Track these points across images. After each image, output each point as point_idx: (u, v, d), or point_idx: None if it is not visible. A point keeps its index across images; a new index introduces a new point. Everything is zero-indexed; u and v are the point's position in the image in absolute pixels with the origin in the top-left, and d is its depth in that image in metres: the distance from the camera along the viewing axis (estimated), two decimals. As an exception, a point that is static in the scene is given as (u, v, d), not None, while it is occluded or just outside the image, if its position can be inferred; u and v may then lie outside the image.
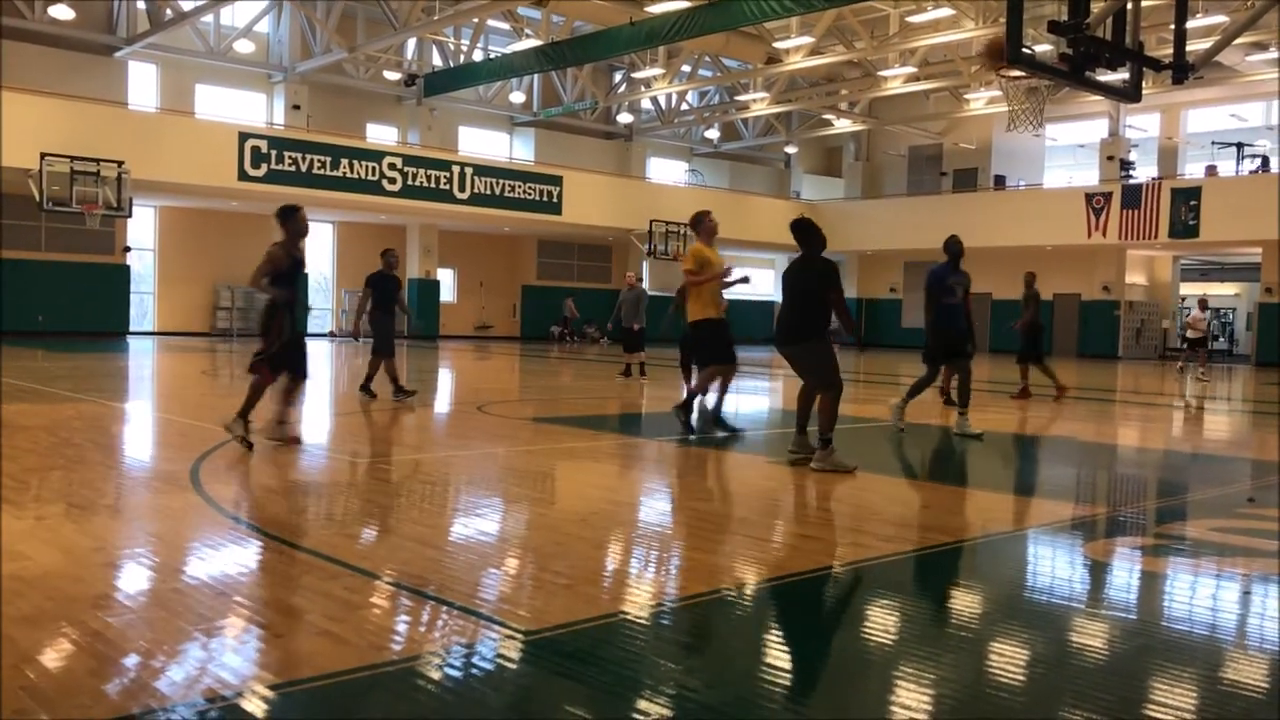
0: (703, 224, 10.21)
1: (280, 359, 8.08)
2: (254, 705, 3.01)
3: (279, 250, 7.96)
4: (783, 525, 6.11)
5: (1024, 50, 7.46)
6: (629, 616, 4.02)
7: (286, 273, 7.98)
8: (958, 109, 31.99)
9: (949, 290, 10.41)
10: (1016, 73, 10.32)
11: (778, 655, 3.73)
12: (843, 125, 35.61)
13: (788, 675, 3.49)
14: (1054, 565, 5.31)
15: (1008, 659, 3.73)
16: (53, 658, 3.36)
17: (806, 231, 7.75)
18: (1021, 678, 3.53)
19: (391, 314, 11.89)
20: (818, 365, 7.73)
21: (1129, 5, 8.71)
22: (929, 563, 5.14)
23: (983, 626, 4.16)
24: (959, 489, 7.69)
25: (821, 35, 25.82)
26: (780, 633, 4.02)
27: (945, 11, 23.56)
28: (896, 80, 29.15)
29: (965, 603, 4.54)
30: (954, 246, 10.88)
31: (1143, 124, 33.65)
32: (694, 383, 10.12)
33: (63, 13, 23.67)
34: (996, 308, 34.27)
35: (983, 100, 30.41)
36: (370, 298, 11.89)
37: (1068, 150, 36.51)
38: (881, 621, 4.19)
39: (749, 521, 6.11)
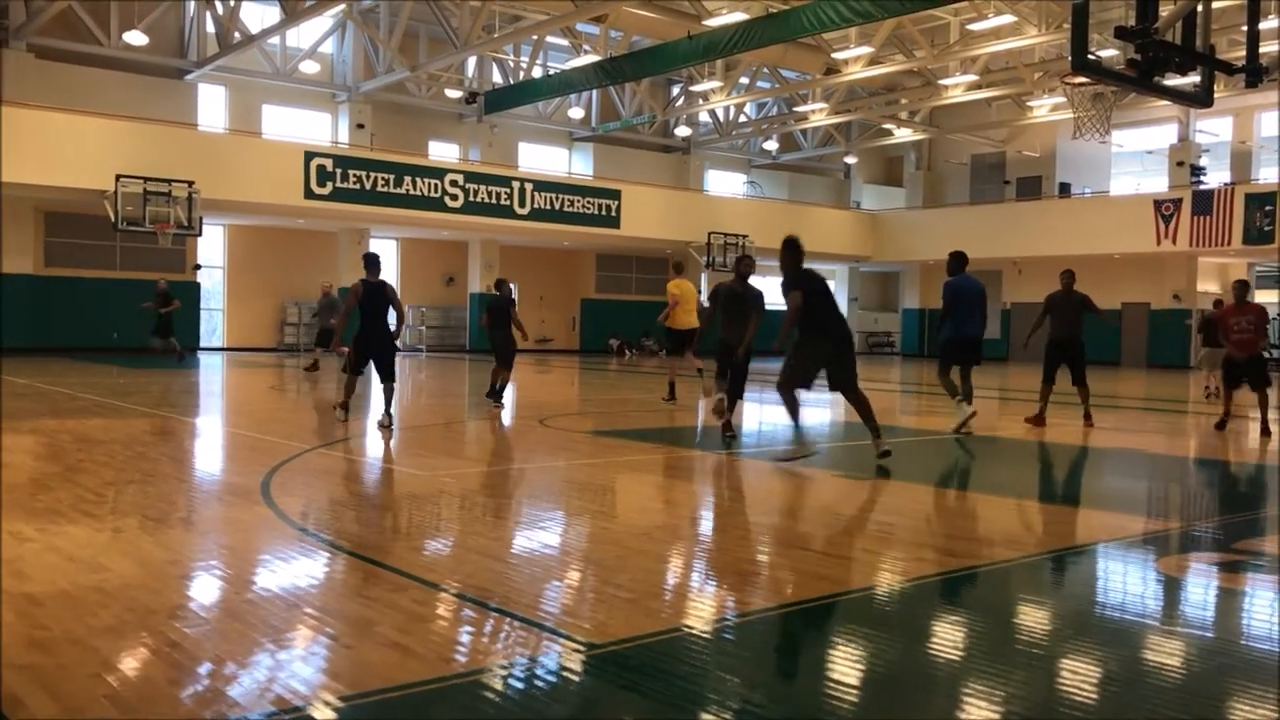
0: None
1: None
2: (325, 715, 3.06)
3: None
4: (846, 539, 6.06)
5: (1090, 57, 7.34)
6: (692, 631, 4.01)
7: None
8: (1021, 116, 31.54)
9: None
10: (1082, 80, 10.16)
11: (842, 671, 3.70)
12: (903, 134, 35.31)
13: (853, 692, 3.46)
14: (1126, 581, 5.19)
15: (1080, 677, 3.66)
16: (133, 666, 3.46)
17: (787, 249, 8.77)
18: (1094, 697, 3.46)
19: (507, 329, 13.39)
20: (785, 363, 8.50)
21: (1199, 8, 8.54)
22: (995, 578, 5.06)
23: (1053, 644, 4.08)
24: (1025, 502, 7.56)
25: (881, 45, 25.66)
26: (844, 649, 3.98)
27: (1007, 18, 23.26)
28: (957, 89, 28.85)
29: (1034, 619, 4.46)
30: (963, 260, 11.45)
31: (1214, 128, 32.87)
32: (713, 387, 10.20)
33: (136, 39, 24.40)
34: (1062, 317, 33.71)
35: (1046, 107, 29.95)
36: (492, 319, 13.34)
37: (1135, 156, 35.78)
38: (948, 638, 4.13)
39: (812, 535, 6.08)
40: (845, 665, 3.77)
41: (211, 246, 28.39)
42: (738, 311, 10.18)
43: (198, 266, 27.58)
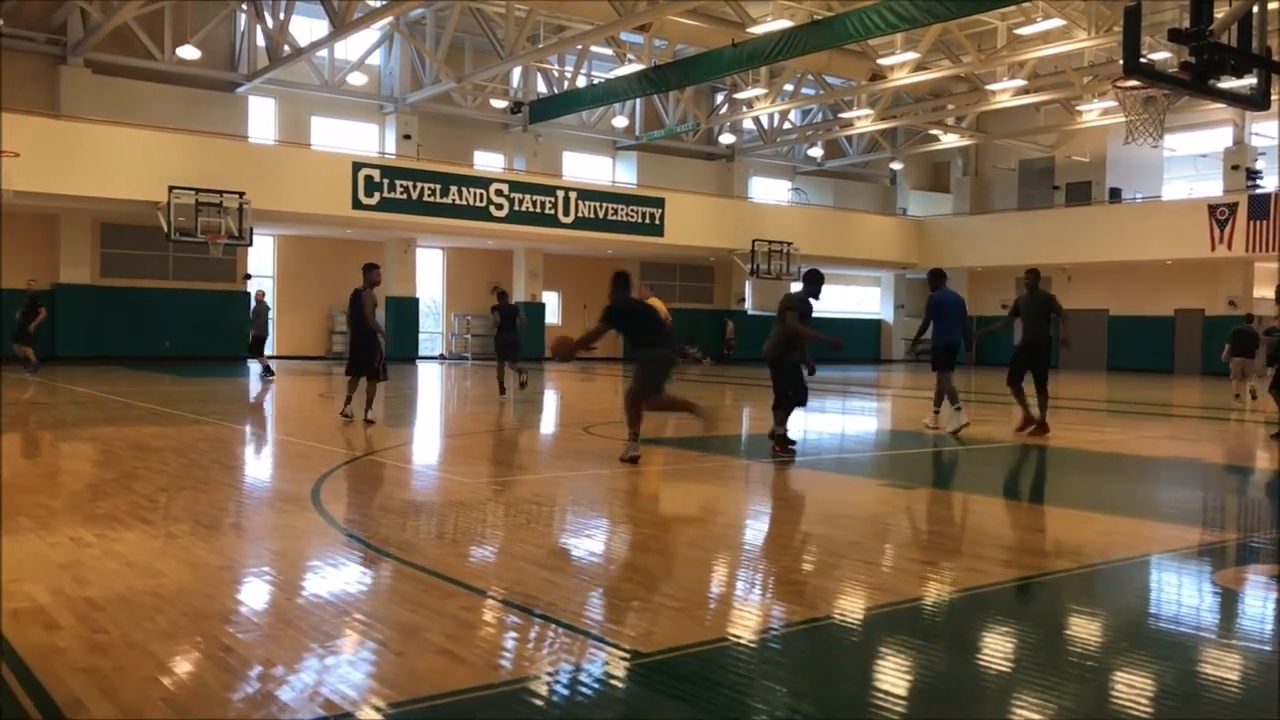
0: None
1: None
2: (376, 719, 3.09)
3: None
4: (895, 549, 6.00)
5: (1142, 60, 7.23)
6: (740, 640, 4.00)
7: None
8: (1070, 121, 31.11)
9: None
10: (1134, 83, 10.00)
11: (892, 683, 3.66)
12: (950, 140, 34.98)
13: (902, 704, 3.42)
14: (1181, 593, 5.10)
15: (1135, 690, 3.60)
16: (188, 669, 3.52)
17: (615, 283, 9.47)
18: (1149, 712, 3.39)
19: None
20: (639, 372, 9.27)
21: (1255, 9, 8.38)
22: (1048, 588, 4.99)
23: (1107, 657, 4.01)
24: (1075, 512, 7.44)
25: (927, 50, 25.46)
26: (894, 660, 3.95)
27: (1055, 22, 22.96)
28: (1005, 94, 28.52)
29: (1087, 631, 4.39)
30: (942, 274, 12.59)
31: (1271, 130, 32.16)
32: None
33: (189, 53, 24.87)
34: (1113, 324, 33.20)
35: (1096, 112, 29.51)
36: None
37: (1188, 160, 35.14)
38: (999, 649, 4.08)
39: (860, 545, 6.03)
40: (895, 676, 3.74)
41: (262, 256, 28.80)
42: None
43: (248, 276, 27.98)
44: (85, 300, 24.88)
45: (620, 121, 33.08)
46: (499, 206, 27.62)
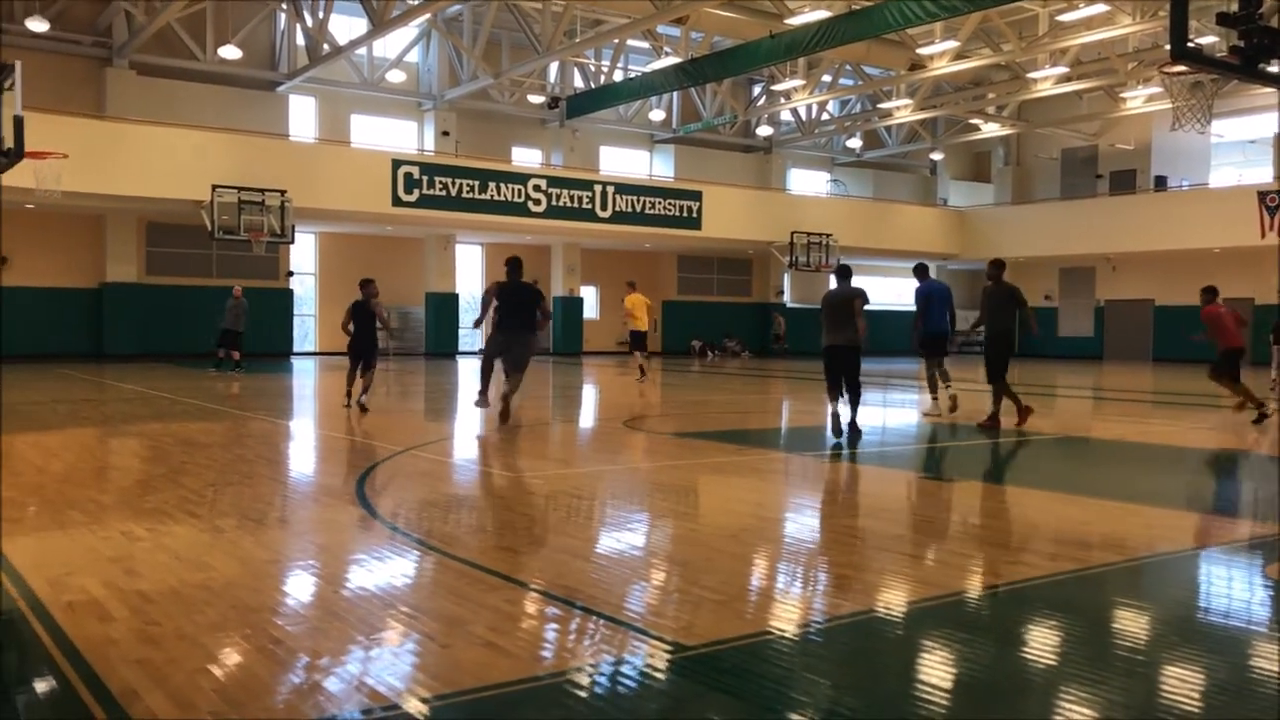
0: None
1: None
2: (421, 711, 3.12)
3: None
4: (938, 542, 5.96)
5: (1189, 44, 7.09)
6: (782, 633, 3.99)
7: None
8: (1114, 108, 30.63)
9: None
10: (1181, 69, 9.82)
11: (937, 677, 3.64)
12: (991, 129, 34.57)
13: (946, 698, 3.40)
14: (1232, 586, 5.02)
15: (1186, 686, 3.55)
16: (238, 661, 3.57)
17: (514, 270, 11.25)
18: (1199, 707, 3.35)
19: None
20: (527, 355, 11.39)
21: (1304, -8, 8.19)
22: (1094, 582, 4.93)
23: (1155, 652, 3.96)
24: (1122, 504, 7.34)
25: (967, 39, 25.16)
26: (938, 654, 3.92)
27: (1099, 8, 22.60)
28: (1047, 82, 28.13)
29: (1135, 626, 4.34)
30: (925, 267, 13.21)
31: (1320, 116, 31.51)
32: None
33: (230, 53, 25.17)
34: (1158, 314, 32.68)
35: (1141, 98, 29.03)
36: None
37: (1236, 147, 34.49)
38: (1045, 644, 4.04)
39: (903, 538, 5.99)
40: (939, 670, 3.71)
41: (304, 254, 29.11)
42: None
43: (290, 273, 28.31)
44: (131, 298, 25.30)
45: (657, 115, 33.04)
46: (537, 202, 27.69)
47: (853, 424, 10.14)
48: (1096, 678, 3.51)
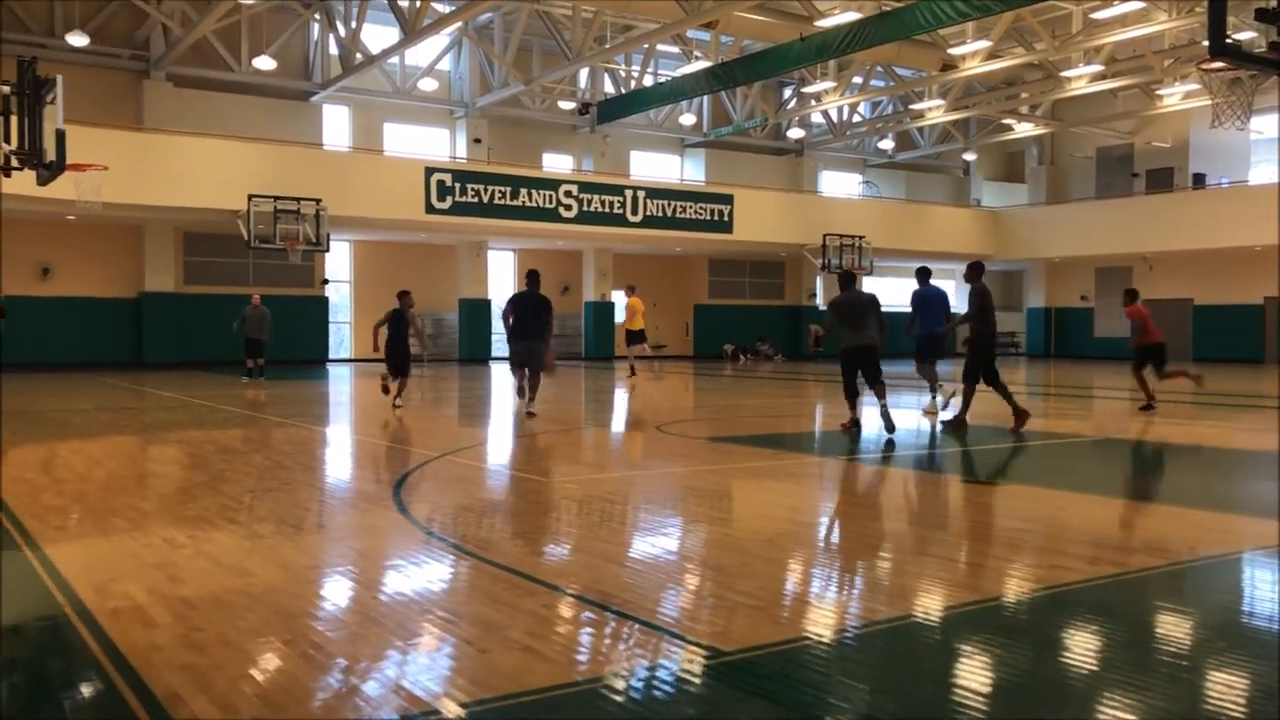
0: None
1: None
2: (459, 714, 3.14)
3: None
4: (975, 546, 5.91)
5: (1228, 41, 7.01)
6: (819, 638, 3.98)
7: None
8: (1150, 106, 30.27)
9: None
10: (1219, 65, 9.69)
11: (976, 682, 3.61)
12: (1024, 129, 34.25)
13: (985, 704, 3.38)
14: (1276, 591, 4.94)
15: (1230, 691, 3.50)
16: (279, 666, 3.62)
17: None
18: (1244, 714, 3.30)
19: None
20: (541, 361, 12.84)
21: (1346, -15, 8.06)
22: (1136, 586, 4.87)
23: (1198, 658, 3.91)
24: (1160, 507, 7.26)
25: (999, 38, 24.96)
26: (977, 659, 3.89)
27: (1134, 5, 22.34)
28: (1081, 80, 27.83)
29: (1178, 631, 4.28)
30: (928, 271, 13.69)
31: (1363, 110, 30.95)
32: None
33: (265, 64, 25.48)
34: (1198, 313, 32.23)
35: (1177, 96, 28.66)
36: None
37: (1276, 143, 33.93)
38: (1085, 648, 4.00)
39: (940, 542, 5.95)
40: (978, 676, 3.69)
41: (339, 262, 29.38)
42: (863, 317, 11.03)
43: (326, 281, 28.58)
44: (169, 307, 25.64)
45: (688, 119, 33.04)
46: (568, 207, 27.78)
47: (884, 410, 10.68)
48: (1139, 683, 3.47)
